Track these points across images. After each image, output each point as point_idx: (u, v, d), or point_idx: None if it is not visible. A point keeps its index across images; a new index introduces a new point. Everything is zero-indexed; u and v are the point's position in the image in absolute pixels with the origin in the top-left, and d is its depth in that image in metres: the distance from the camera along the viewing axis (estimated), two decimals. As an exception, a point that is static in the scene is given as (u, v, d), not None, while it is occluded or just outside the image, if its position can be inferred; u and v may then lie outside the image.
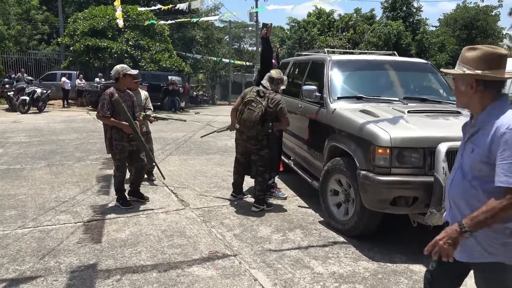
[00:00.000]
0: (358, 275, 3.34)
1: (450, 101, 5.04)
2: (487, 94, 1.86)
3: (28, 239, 3.86)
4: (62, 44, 23.09)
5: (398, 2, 27.85)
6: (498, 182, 1.71)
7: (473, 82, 1.86)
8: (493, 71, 1.84)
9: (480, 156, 1.81)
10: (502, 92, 1.89)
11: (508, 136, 1.71)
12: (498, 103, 1.85)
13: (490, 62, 1.84)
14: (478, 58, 1.85)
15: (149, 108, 6.01)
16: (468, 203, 1.88)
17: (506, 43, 33.48)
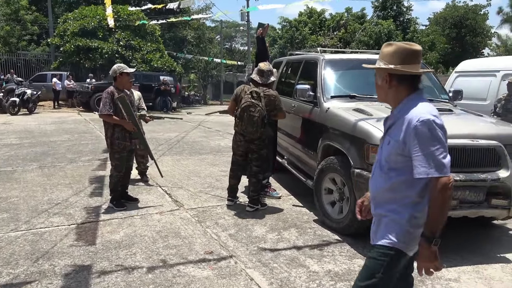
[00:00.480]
0: (354, 273, 3.36)
1: (442, 99, 5.09)
2: (402, 89, 1.91)
3: (21, 242, 3.82)
4: (52, 45, 22.88)
5: (388, 1, 28.07)
6: (417, 174, 1.76)
7: (387, 76, 1.91)
8: (405, 65, 1.88)
9: (395, 148, 1.85)
10: (418, 87, 1.93)
11: (420, 128, 1.76)
12: (412, 97, 1.89)
13: (403, 57, 1.88)
14: (392, 53, 1.90)
15: (143, 108, 6.04)
16: (385, 195, 1.92)
17: (495, 42, 33.86)
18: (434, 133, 1.75)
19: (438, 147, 1.75)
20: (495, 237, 4.23)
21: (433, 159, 1.74)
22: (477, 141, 3.60)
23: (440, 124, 1.78)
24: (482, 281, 3.27)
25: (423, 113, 1.79)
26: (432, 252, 1.81)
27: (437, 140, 1.75)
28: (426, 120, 1.76)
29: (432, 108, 1.84)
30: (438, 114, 1.82)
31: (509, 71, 6.72)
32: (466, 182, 3.47)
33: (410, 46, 1.92)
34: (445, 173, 1.74)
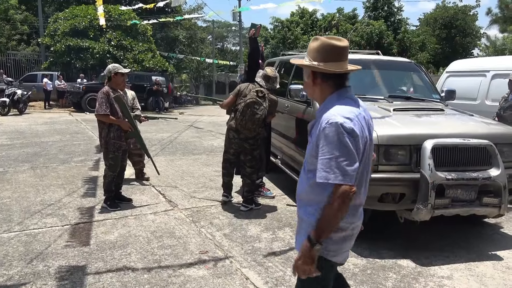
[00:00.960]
0: (348, 271, 3.39)
1: (434, 99, 5.15)
2: (326, 87, 1.82)
3: (14, 243, 3.79)
4: (42, 45, 22.67)
5: (379, 1, 28.25)
6: (318, 178, 1.68)
7: (311, 73, 1.83)
8: (328, 63, 1.78)
9: (311, 150, 1.79)
10: (344, 86, 1.83)
11: (327, 131, 1.67)
12: (333, 96, 1.80)
13: (327, 54, 1.78)
14: (317, 49, 1.81)
15: (137, 108, 6.06)
16: (305, 196, 1.86)
17: (484, 42, 34.23)
18: (340, 138, 1.65)
19: (344, 153, 1.64)
20: (486, 235, 4.29)
21: (336, 165, 1.64)
22: (469, 140, 3.65)
23: (349, 129, 1.66)
24: (474, 278, 3.32)
25: (334, 115, 1.69)
26: (310, 256, 1.70)
27: (344, 146, 1.65)
28: (334, 123, 1.66)
29: (347, 110, 1.72)
30: (356, 116, 1.72)
31: (499, 71, 6.81)
32: (458, 180, 3.52)
33: (335, 42, 1.81)
34: (346, 181, 1.63)
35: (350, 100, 1.79)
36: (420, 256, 3.68)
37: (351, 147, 1.66)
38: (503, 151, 3.80)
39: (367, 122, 1.81)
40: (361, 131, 1.72)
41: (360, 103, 1.84)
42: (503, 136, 3.94)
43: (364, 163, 1.79)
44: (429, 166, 3.46)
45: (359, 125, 1.72)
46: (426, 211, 3.47)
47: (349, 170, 1.64)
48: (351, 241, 1.88)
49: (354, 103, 1.79)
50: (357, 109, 1.76)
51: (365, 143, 1.75)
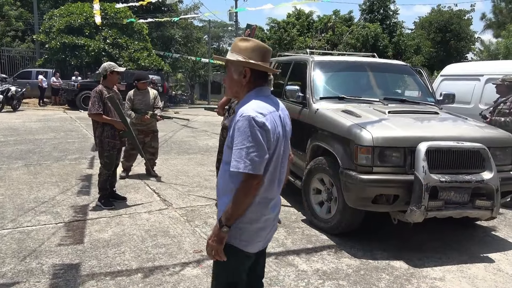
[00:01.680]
0: (341, 271, 3.41)
1: (428, 102, 5.19)
2: (251, 85, 1.94)
3: (7, 241, 3.78)
4: (37, 42, 22.53)
5: (375, 4, 28.34)
6: (231, 168, 1.78)
7: (247, 71, 1.92)
8: (264, 63, 1.94)
9: (228, 142, 1.89)
10: (264, 84, 1.97)
11: (240, 123, 1.78)
12: (252, 93, 1.93)
13: (262, 54, 1.93)
14: (252, 49, 1.92)
15: (158, 107, 6.32)
16: (222, 187, 1.94)
17: (478, 47, 34.48)
18: (252, 130, 1.76)
19: (253, 144, 1.75)
20: (478, 237, 4.33)
21: (246, 155, 1.75)
22: (462, 143, 3.69)
23: (260, 123, 1.77)
24: (466, 280, 3.35)
25: (248, 109, 1.81)
26: (219, 236, 1.82)
27: (254, 138, 1.75)
28: (247, 116, 1.77)
29: (261, 106, 1.84)
30: (270, 113, 1.83)
31: (492, 76, 6.87)
32: (451, 183, 3.55)
33: (264, 44, 1.98)
34: (254, 171, 1.75)
35: (267, 98, 1.92)
36: (413, 257, 3.71)
37: (261, 140, 1.77)
38: (496, 155, 3.85)
39: (282, 121, 1.93)
40: (274, 127, 1.83)
41: (279, 103, 1.98)
42: (496, 140, 3.99)
43: (276, 159, 1.89)
44: (423, 168, 3.49)
45: (271, 121, 1.83)
46: (419, 213, 3.50)
47: (257, 162, 1.76)
48: (263, 232, 1.95)
49: (270, 101, 1.93)
50: (272, 107, 1.89)
51: (277, 139, 1.86)
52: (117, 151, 4.88)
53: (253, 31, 5.38)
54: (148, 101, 6.25)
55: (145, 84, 6.26)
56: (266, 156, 1.79)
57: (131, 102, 6.15)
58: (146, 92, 6.28)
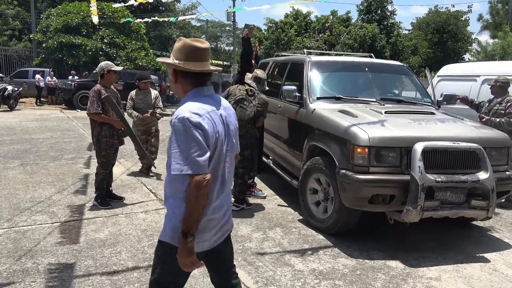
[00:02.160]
0: (338, 271, 3.42)
1: (425, 103, 5.21)
2: (186, 85, 1.93)
3: (3, 240, 3.76)
4: (34, 41, 22.45)
5: (373, 5, 28.39)
6: (172, 171, 1.77)
7: (174, 71, 1.94)
8: (188, 62, 1.89)
9: (169, 144, 1.87)
10: (205, 84, 1.95)
11: (176, 125, 1.78)
12: (189, 94, 1.92)
13: (187, 53, 1.89)
14: (179, 49, 1.92)
15: (159, 107, 6.41)
16: (167, 189, 1.94)
17: (475, 47, 34.60)
18: (188, 131, 1.75)
19: (193, 145, 1.74)
20: (474, 237, 4.34)
21: (187, 156, 1.73)
22: (458, 144, 3.70)
23: (196, 123, 1.76)
24: (462, 279, 3.36)
25: (184, 110, 1.80)
26: (187, 248, 1.78)
27: (192, 138, 1.75)
28: (182, 117, 1.76)
29: (197, 106, 1.82)
30: (207, 113, 1.82)
31: (489, 76, 6.90)
32: (447, 183, 3.56)
33: (195, 43, 1.92)
34: (199, 171, 1.74)
35: (206, 98, 1.91)
36: (409, 257, 3.72)
37: (199, 139, 1.76)
38: (492, 155, 3.86)
39: (224, 120, 1.92)
40: (212, 126, 1.82)
41: (222, 102, 1.97)
42: (492, 140, 4.00)
43: (217, 158, 1.87)
44: (419, 169, 3.50)
45: (209, 121, 1.82)
46: (415, 212, 3.51)
47: (200, 161, 1.75)
48: (207, 233, 1.92)
49: (210, 100, 1.91)
50: (212, 106, 1.88)
51: (217, 138, 1.85)
52: (115, 150, 4.87)
53: (251, 31, 5.38)
54: (150, 101, 6.33)
55: (146, 84, 6.35)
56: (208, 155, 1.78)
57: (132, 102, 6.24)
58: (147, 92, 6.38)
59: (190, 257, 1.79)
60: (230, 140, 1.96)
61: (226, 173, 1.96)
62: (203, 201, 1.78)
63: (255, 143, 5.22)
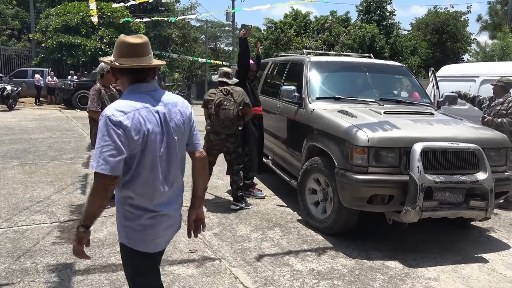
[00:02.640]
0: (336, 271, 3.42)
1: (424, 103, 5.21)
2: (124, 81, 1.94)
3: (2, 240, 3.76)
4: (33, 41, 22.42)
5: (372, 5, 28.41)
6: (90, 168, 1.81)
7: (112, 69, 1.96)
8: (122, 59, 1.88)
9: None
10: (142, 81, 1.93)
11: (99, 123, 1.79)
12: (126, 91, 1.92)
13: (121, 49, 1.90)
14: (116, 46, 1.93)
15: None
16: None
17: (474, 48, 34.63)
18: (106, 129, 1.74)
19: (108, 143, 1.73)
20: (472, 238, 4.35)
21: (100, 154, 1.73)
22: (457, 144, 3.70)
23: (116, 121, 1.74)
24: (460, 280, 3.37)
25: (109, 108, 1.81)
26: (77, 237, 1.81)
27: (109, 137, 1.73)
28: (104, 115, 1.77)
29: (124, 104, 1.82)
30: (136, 110, 1.81)
31: (488, 77, 6.91)
32: (446, 183, 3.57)
33: (127, 38, 1.92)
34: (106, 170, 1.72)
35: (141, 95, 1.88)
36: (407, 257, 3.73)
37: (115, 139, 1.73)
38: (490, 156, 3.87)
39: (161, 118, 1.88)
40: (138, 124, 1.79)
41: (162, 99, 1.92)
42: (490, 141, 4.01)
43: (153, 157, 1.85)
44: (418, 169, 3.50)
45: (135, 118, 1.79)
46: (414, 213, 3.51)
47: (111, 161, 1.72)
48: (153, 230, 1.92)
49: (146, 97, 1.88)
50: (145, 103, 1.85)
51: (146, 136, 1.81)
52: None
53: (248, 31, 5.37)
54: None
55: None
56: (122, 156, 1.75)
57: None
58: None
59: (78, 245, 1.82)
60: (171, 137, 1.92)
61: (172, 172, 1.95)
62: (103, 201, 1.79)
63: (253, 141, 5.25)
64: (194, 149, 2.11)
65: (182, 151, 2.03)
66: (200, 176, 2.20)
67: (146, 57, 1.90)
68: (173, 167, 1.96)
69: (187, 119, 2.01)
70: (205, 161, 2.20)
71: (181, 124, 1.97)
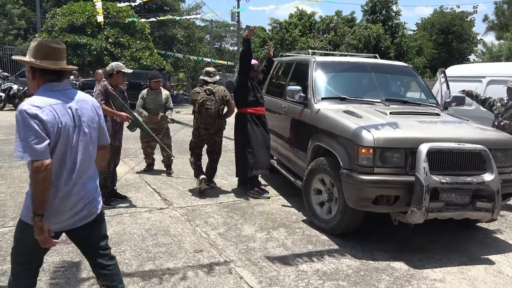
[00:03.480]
0: (341, 272, 3.41)
1: (430, 104, 5.19)
2: (40, 81, 2.12)
3: (9, 238, 3.79)
4: (39, 40, 22.53)
5: (377, 5, 28.31)
6: (14, 157, 1.97)
7: (31, 69, 2.12)
8: (44, 61, 2.09)
9: None
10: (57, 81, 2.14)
11: (17, 117, 1.97)
12: (40, 89, 2.11)
13: (44, 52, 2.10)
14: (35, 48, 2.12)
15: (170, 107, 6.47)
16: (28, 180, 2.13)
17: (480, 48, 34.44)
18: (26, 121, 1.93)
19: (30, 134, 1.93)
20: (478, 239, 4.32)
21: (27, 144, 1.92)
22: (463, 145, 3.68)
23: (32, 114, 1.94)
24: (466, 281, 3.35)
25: (25, 103, 1.99)
26: (36, 226, 1.99)
27: (29, 128, 1.93)
28: (21, 110, 1.95)
29: (39, 100, 2.02)
30: (50, 105, 2.01)
31: (494, 78, 6.87)
32: (452, 184, 3.55)
33: (51, 43, 2.14)
34: (37, 157, 1.93)
35: (55, 93, 2.10)
36: (413, 258, 3.71)
37: (37, 129, 1.95)
38: (497, 156, 3.84)
39: (74, 113, 2.12)
40: (53, 118, 2.01)
41: (75, 97, 2.17)
42: (497, 142, 3.98)
43: (63, 148, 2.07)
44: (424, 170, 3.48)
45: (50, 113, 2.01)
46: (420, 214, 3.49)
47: (38, 148, 1.94)
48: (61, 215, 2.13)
49: (60, 95, 2.11)
50: (58, 100, 2.07)
51: (60, 129, 2.03)
52: (116, 149, 4.87)
53: (251, 32, 5.39)
54: (160, 101, 6.36)
55: (157, 83, 6.40)
56: (47, 141, 1.96)
57: (143, 101, 6.29)
58: (158, 92, 6.41)
59: (41, 235, 2.00)
60: (82, 130, 2.15)
61: (79, 161, 2.14)
62: (43, 184, 1.97)
63: (255, 140, 5.33)
64: (102, 143, 2.37)
65: (93, 143, 2.26)
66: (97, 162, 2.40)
67: (63, 61, 2.17)
68: (83, 157, 2.17)
69: (98, 115, 2.28)
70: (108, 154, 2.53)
71: (92, 119, 2.23)
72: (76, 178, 2.14)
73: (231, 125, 5.63)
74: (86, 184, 2.23)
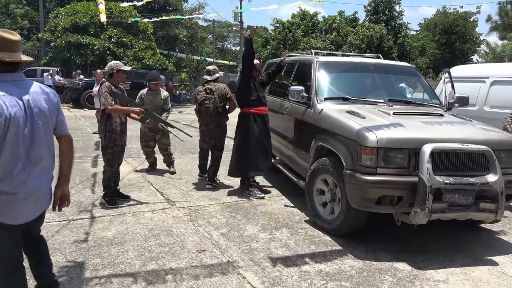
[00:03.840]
0: (344, 273, 3.41)
1: (433, 104, 5.18)
2: None
3: None
4: (42, 40, 22.65)
5: (380, 5, 28.29)
6: None
7: None
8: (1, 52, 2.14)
9: None
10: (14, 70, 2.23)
11: None
12: None
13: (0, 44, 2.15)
14: None
15: (167, 109, 6.48)
16: None
17: (484, 49, 34.35)
18: None
19: None
20: (482, 240, 4.31)
21: None
22: (467, 146, 3.67)
23: None
24: (469, 282, 3.34)
25: None
26: None
27: None
28: None
29: None
30: None
31: (498, 78, 6.85)
32: (455, 185, 3.54)
33: (7, 34, 2.20)
34: None
35: (5, 84, 2.15)
36: (416, 259, 3.70)
37: None
38: (501, 157, 3.82)
39: (25, 104, 2.17)
40: (1, 109, 2.06)
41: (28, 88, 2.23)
42: (501, 142, 3.97)
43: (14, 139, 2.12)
44: (428, 170, 3.47)
45: None
46: (423, 214, 3.48)
47: None
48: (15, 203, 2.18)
49: (11, 85, 2.16)
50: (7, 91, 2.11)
51: (8, 119, 2.08)
52: (121, 149, 4.89)
53: (253, 32, 5.40)
54: (158, 102, 6.36)
55: (157, 85, 6.40)
56: None
57: (141, 101, 6.27)
58: (157, 93, 6.40)
59: None
60: (34, 121, 2.20)
61: (36, 151, 2.21)
62: None
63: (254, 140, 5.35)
64: (60, 133, 2.43)
65: (48, 134, 2.32)
66: (65, 157, 2.50)
67: (18, 53, 2.21)
68: (36, 147, 2.23)
69: (52, 106, 2.32)
70: (71, 144, 2.52)
71: (45, 110, 2.26)
72: (32, 167, 2.20)
73: (233, 126, 5.62)
74: (44, 175, 2.29)
